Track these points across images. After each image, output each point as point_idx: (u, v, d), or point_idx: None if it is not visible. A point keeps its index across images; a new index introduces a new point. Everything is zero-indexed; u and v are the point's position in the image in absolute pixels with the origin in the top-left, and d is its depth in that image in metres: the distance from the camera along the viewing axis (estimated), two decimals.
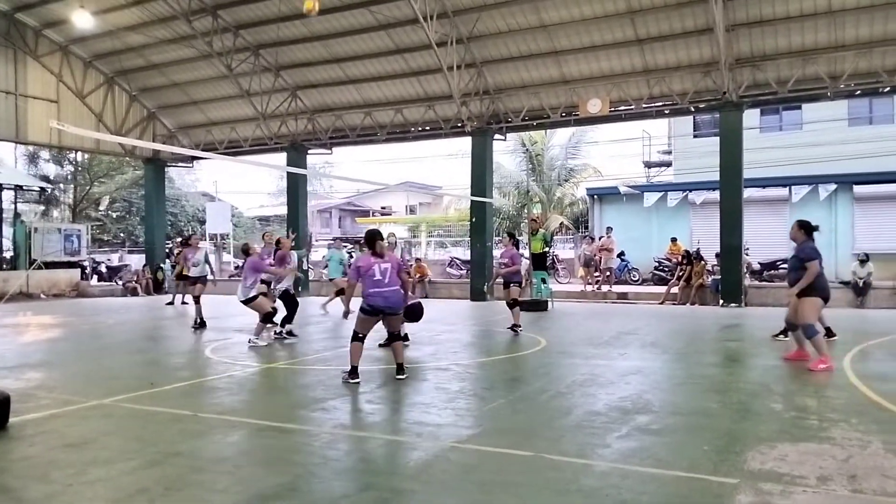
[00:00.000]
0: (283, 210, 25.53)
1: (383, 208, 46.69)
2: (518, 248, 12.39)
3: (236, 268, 29.64)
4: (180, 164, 27.37)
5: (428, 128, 21.30)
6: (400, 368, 7.30)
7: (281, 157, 23.83)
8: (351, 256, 17.98)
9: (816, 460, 4.36)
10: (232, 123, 23.76)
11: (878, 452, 4.53)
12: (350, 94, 21.48)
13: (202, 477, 4.30)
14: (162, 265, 23.61)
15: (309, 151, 23.50)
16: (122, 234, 39.12)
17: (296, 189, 23.17)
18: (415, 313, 8.54)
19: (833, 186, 20.96)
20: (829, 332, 9.68)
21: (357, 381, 7.04)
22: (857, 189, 20.86)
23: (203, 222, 34.48)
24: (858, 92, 17.06)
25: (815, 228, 8.19)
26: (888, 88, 16.27)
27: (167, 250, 25.45)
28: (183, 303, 18.33)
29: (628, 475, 4.19)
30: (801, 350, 8.11)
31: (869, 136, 23.90)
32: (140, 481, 4.21)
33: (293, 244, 11.86)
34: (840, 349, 8.93)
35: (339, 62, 20.36)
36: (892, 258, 18.89)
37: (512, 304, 11.43)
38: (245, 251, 10.68)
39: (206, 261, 13.80)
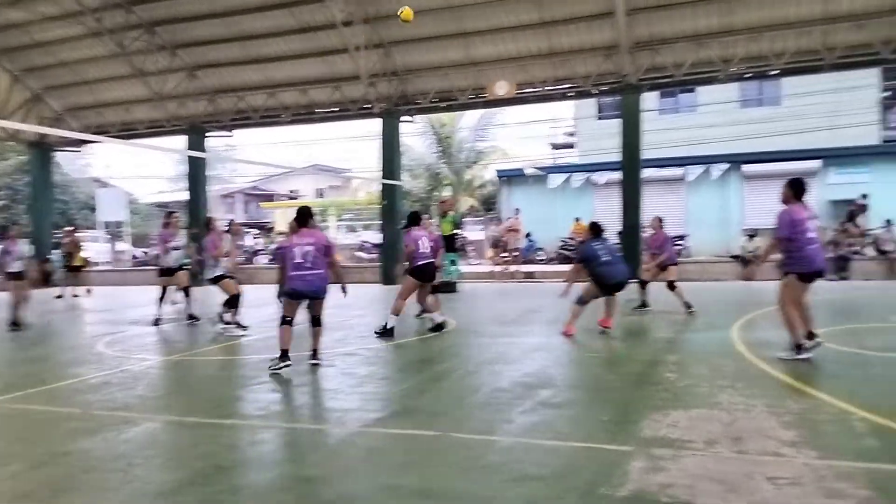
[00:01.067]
0: (184, 195, 24.50)
1: (291, 192, 45.64)
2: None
3: (134, 257, 28.34)
4: (69, 148, 25.74)
5: (335, 109, 20.93)
6: (314, 354, 7.14)
7: (180, 141, 22.85)
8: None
9: (705, 425, 4.61)
10: (125, 105, 22.52)
11: (760, 415, 4.83)
12: (253, 74, 20.78)
13: (93, 476, 4.10)
14: (49, 256, 22.20)
15: (209, 134, 22.64)
16: (5, 224, 36.52)
17: (196, 174, 22.28)
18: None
19: (725, 166, 22.14)
20: (688, 306, 10.46)
21: (288, 363, 6.79)
22: (746, 168, 22.11)
23: (94, 209, 32.66)
24: (749, 75, 18.02)
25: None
26: (776, 71, 17.25)
27: (55, 241, 23.96)
28: (74, 295, 17.39)
29: (531, 448, 4.29)
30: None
31: (758, 118, 25.34)
32: (24, 485, 3.96)
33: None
34: (728, 319, 9.47)
35: (240, 41, 19.64)
36: None
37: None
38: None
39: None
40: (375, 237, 24.65)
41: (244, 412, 5.65)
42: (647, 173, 18.69)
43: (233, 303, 9.80)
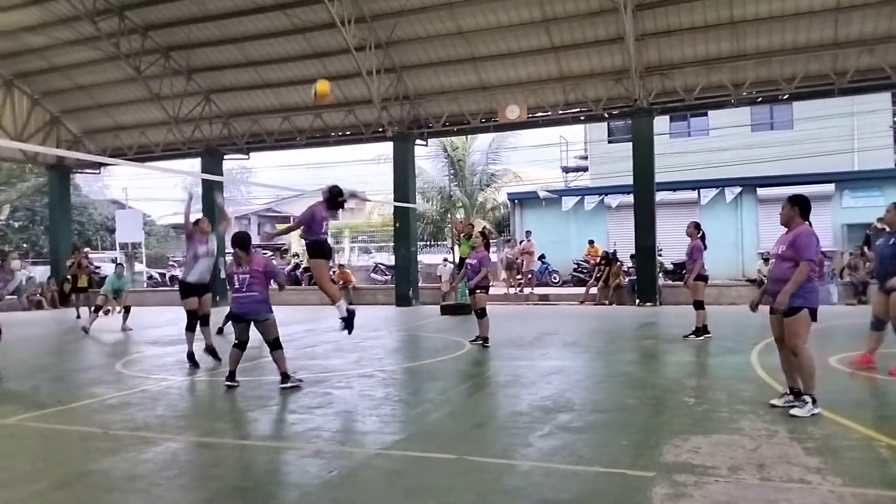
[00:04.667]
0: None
1: None
2: (489, 249, 11.03)
3: (149, 278, 28.52)
4: (87, 170, 26.08)
5: (349, 132, 21.13)
6: (284, 377, 7.16)
7: (195, 163, 23.08)
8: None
9: (727, 451, 4.56)
10: (142, 128, 22.83)
11: (783, 441, 4.78)
12: (267, 98, 21.04)
13: (114, 497, 4.11)
14: (69, 276, 22.39)
15: (225, 157, 22.88)
16: (25, 245, 36.87)
17: (212, 196, 22.42)
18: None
19: (738, 189, 22.09)
20: (703, 331, 10.15)
21: (235, 384, 7.18)
22: (761, 192, 22.06)
23: (112, 231, 32.93)
24: (760, 99, 18.10)
25: None
26: (787, 95, 17.29)
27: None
28: (95, 314, 17.50)
29: (550, 473, 4.26)
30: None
31: (770, 141, 25.32)
32: None
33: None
34: (746, 343, 9.40)
35: (254, 66, 19.92)
36: None
37: (480, 313, 10.16)
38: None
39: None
40: (389, 259, 24.69)
41: (262, 433, 5.65)
42: (660, 196, 18.69)
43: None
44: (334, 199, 8.07)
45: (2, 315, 18.94)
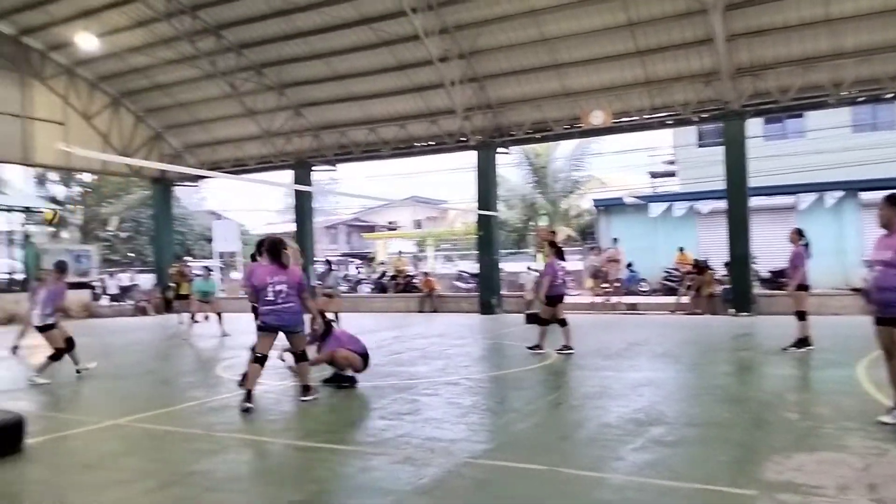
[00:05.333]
0: (291, 227, 25.62)
1: (390, 223, 46.77)
2: (561, 258, 10.83)
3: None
4: (187, 183, 27.50)
5: (432, 142, 21.38)
6: (304, 390, 7.04)
7: (287, 175, 23.95)
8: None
9: (834, 469, 4.33)
10: (237, 142, 23.90)
11: (895, 460, 4.49)
12: (354, 110, 21.60)
13: (217, 496, 4.30)
14: (171, 284, 23.65)
15: (314, 168, 23.61)
16: (131, 254, 39.23)
17: (302, 206, 23.25)
18: None
19: (839, 194, 20.92)
20: (804, 342, 9.61)
21: (250, 406, 6.59)
22: (864, 196, 20.81)
23: (210, 240, 34.59)
24: (861, 99, 17.08)
25: None
26: (890, 95, 16.26)
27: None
28: (193, 321, 18.42)
29: (644, 488, 4.17)
30: None
31: (873, 143, 23.89)
32: (157, 502, 4.22)
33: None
34: (852, 356, 8.88)
35: (341, 79, 20.50)
36: None
37: (562, 322, 10.26)
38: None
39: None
40: (472, 267, 24.77)
41: (354, 438, 5.78)
42: (754, 202, 17.93)
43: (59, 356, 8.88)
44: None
45: (111, 321, 20.22)
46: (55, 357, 8.81)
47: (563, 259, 10.80)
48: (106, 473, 4.84)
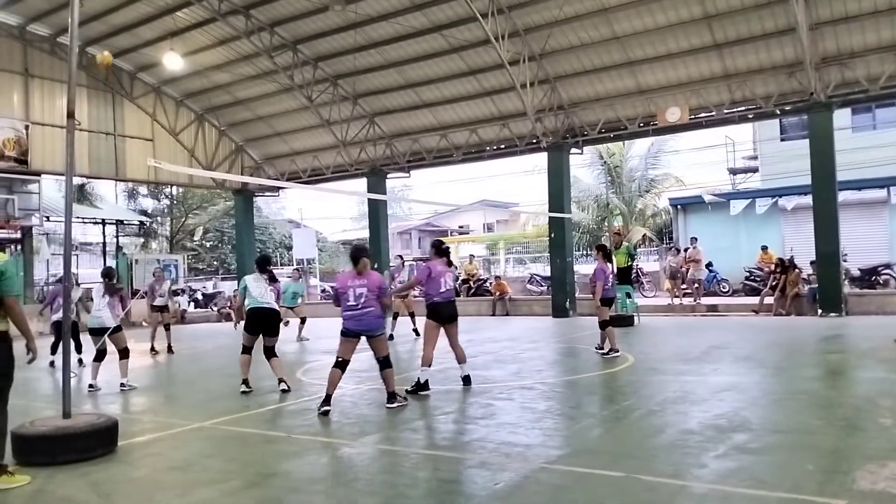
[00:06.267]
0: (366, 233, 26.12)
1: (461, 227, 46.95)
2: (610, 261, 11.49)
3: (322, 291, 30.44)
4: (267, 193, 28.47)
5: (503, 146, 21.36)
6: (390, 397, 7.06)
7: (361, 183, 24.43)
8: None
9: None
10: (314, 152, 24.56)
11: None
12: (425, 117, 21.84)
13: (298, 498, 4.44)
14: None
15: (388, 175, 24.00)
16: (215, 262, 40.91)
17: (376, 213, 23.66)
18: None
19: None
20: None
21: (328, 409, 6.80)
22: None
23: (290, 248, 35.68)
24: None
25: None
26: None
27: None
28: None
29: (728, 497, 4.04)
30: None
31: None
32: (240, 502, 4.39)
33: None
34: None
35: (413, 87, 20.78)
36: None
37: (602, 324, 10.42)
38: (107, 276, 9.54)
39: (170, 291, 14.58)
40: (544, 270, 24.58)
41: (430, 441, 5.84)
42: (843, 196, 17.07)
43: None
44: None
45: (197, 326, 21.12)
46: (124, 356, 9.22)
47: (610, 262, 11.59)
48: (192, 474, 5.07)
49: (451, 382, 8.23)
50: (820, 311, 15.82)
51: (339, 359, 7.03)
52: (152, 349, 13.42)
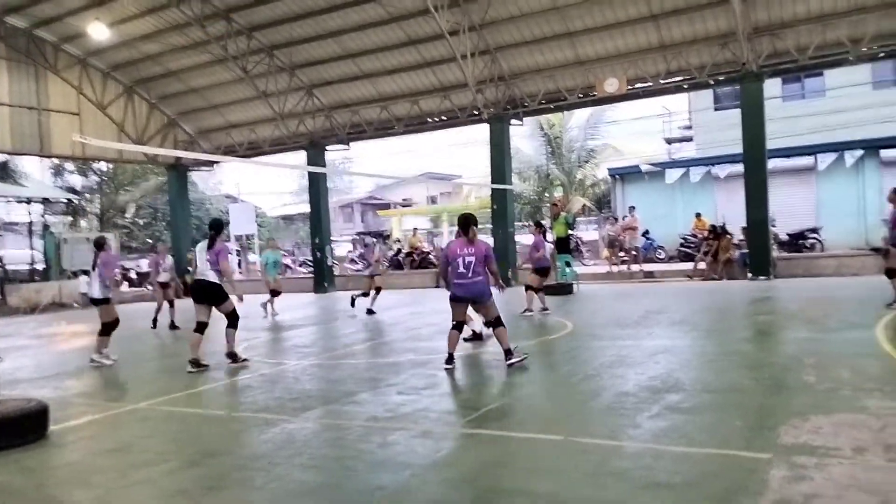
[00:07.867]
0: (306, 208, 25.72)
1: (404, 200, 46.78)
2: (544, 236, 12.74)
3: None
4: (202, 168, 27.69)
5: (444, 117, 21.29)
6: (507, 354, 7.21)
7: (300, 156, 23.98)
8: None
9: (851, 431, 4.32)
10: (251, 125, 23.95)
11: None
12: (365, 88, 21.51)
13: (240, 475, 4.39)
14: (189, 268, 23.91)
15: (327, 148, 23.62)
16: (149, 240, 39.66)
17: (317, 186, 23.31)
18: None
19: (860, 152, 20.55)
20: None
21: (451, 366, 7.17)
22: (885, 153, 20.44)
23: (227, 224, 34.87)
24: (882, 55, 16.69)
25: None
26: None
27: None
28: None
29: (661, 455, 4.19)
30: None
31: (894, 100, 23.37)
32: (181, 482, 4.32)
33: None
34: (871, 317, 8.80)
35: (352, 57, 20.40)
36: None
37: (526, 287, 11.97)
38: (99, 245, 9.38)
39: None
40: (488, 241, 24.76)
41: (373, 414, 5.82)
42: (772, 164, 17.69)
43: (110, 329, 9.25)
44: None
45: (131, 306, 20.53)
46: (105, 331, 9.09)
47: (545, 237, 12.79)
48: (129, 456, 4.96)
49: (395, 355, 8.24)
50: (750, 274, 16.45)
51: (454, 321, 7.39)
52: (154, 324, 13.59)
